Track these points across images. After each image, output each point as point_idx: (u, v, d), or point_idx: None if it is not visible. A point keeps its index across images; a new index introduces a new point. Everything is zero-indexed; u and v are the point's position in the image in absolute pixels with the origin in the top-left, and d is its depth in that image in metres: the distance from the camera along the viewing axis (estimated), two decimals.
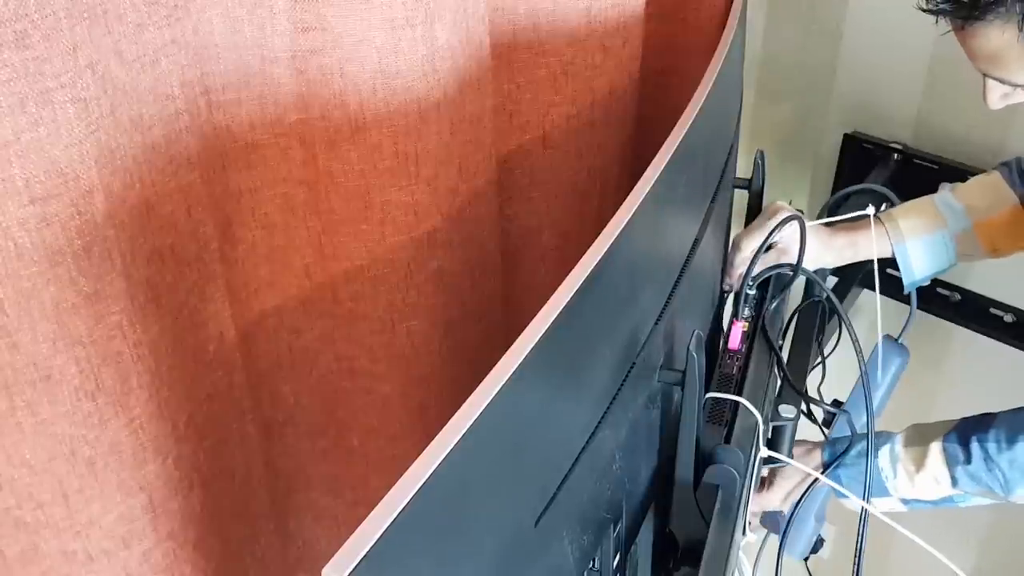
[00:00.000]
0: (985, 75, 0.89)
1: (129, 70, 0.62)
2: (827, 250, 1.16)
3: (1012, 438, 0.95)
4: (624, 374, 0.75)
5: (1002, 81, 0.88)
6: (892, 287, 1.53)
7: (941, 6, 0.83)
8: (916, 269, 1.16)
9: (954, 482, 0.99)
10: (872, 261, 1.45)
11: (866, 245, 1.15)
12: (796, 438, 1.09)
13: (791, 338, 1.19)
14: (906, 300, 1.23)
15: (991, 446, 0.96)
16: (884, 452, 1.03)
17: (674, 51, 1.14)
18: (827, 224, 1.19)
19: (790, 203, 1.14)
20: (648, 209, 0.71)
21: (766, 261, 1.11)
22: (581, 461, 0.69)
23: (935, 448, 1.00)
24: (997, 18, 0.80)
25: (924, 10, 0.85)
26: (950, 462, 0.99)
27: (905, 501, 1.05)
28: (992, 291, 1.50)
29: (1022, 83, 0.87)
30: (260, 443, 0.90)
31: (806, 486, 1.06)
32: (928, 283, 1.38)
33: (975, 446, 0.97)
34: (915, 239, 1.15)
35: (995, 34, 0.82)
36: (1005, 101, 0.92)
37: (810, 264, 1.14)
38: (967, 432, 0.98)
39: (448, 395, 0.94)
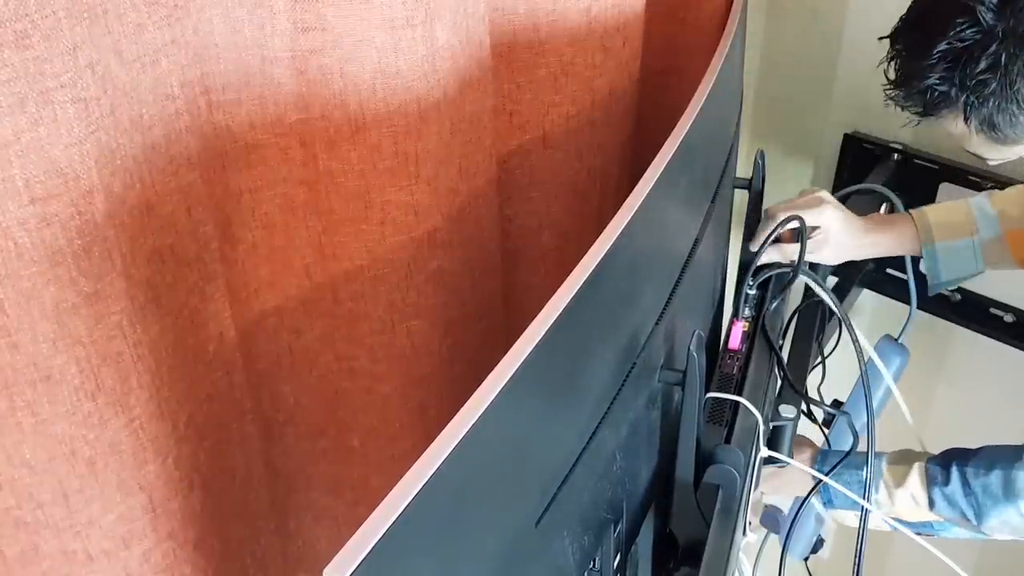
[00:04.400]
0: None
1: (129, 70, 0.62)
2: (859, 246, 1.14)
3: (990, 466, 0.99)
4: (625, 374, 0.75)
5: (978, 156, 0.93)
6: (893, 287, 1.53)
7: (900, 104, 0.91)
8: (943, 272, 1.15)
9: (931, 504, 1.02)
10: (870, 261, 1.44)
11: (896, 242, 1.15)
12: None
13: (791, 338, 1.19)
14: (906, 300, 1.23)
15: (969, 471, 1.00)
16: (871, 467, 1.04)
17: (674, 51, 1.14)
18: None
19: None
20: (648, 209, 0.71)
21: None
22: (582, 461, 0.69)
23: (917, 467, 1.03)
24: (948, 112, 0.87)
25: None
26: (929, 482, 1.02)
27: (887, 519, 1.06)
28: (992, 291, 1.50)
29: (992, 159, 0.92)
30: (260, 443, 0.90)
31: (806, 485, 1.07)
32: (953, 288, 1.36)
33: (955, 470, 1.00)
34: (944, 243, 1.14)
35: (951, 125, 0.89)
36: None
37: (840, 255, 1.14)
38: (950, 458, 1.02)
39: (448, 395, 0.94)
